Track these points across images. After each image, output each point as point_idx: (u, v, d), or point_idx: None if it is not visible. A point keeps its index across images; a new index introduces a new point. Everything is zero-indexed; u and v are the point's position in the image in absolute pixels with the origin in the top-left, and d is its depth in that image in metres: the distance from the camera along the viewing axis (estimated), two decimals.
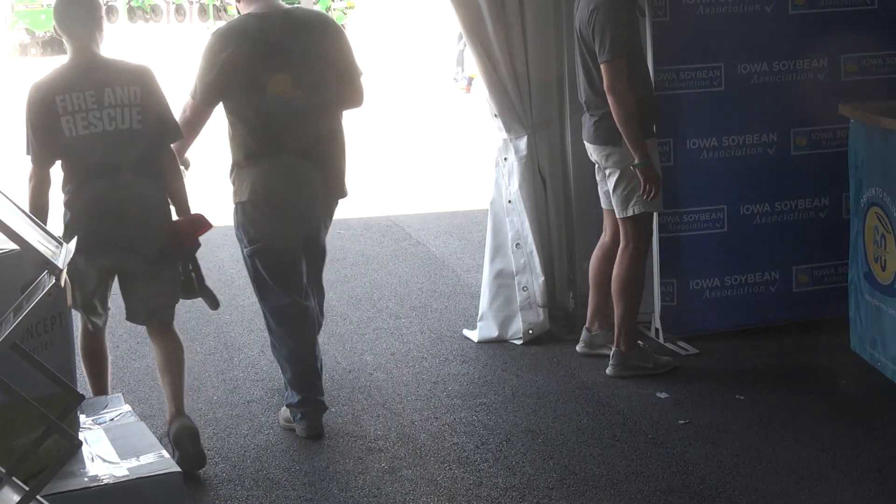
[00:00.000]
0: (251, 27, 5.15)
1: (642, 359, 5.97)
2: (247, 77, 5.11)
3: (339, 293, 7.69)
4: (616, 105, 5.60)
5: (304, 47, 5.16)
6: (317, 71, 5.18)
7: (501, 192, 6.52)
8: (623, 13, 5.68)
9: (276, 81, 5.10)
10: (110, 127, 4.88)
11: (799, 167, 6.34)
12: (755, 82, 6.23)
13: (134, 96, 4.91)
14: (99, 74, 4.93)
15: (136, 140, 4.93)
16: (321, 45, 5.21)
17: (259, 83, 5.10)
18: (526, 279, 6.50)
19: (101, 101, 4.87)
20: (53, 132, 4.88)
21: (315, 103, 5.18)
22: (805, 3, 6.22)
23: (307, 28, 5.23)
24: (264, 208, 5.22)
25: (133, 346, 6.81)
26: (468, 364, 6.30)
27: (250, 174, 5.19)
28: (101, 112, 4.87)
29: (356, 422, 5.57)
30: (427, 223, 9.62)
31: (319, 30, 5.27)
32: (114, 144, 4.89)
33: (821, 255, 6.42)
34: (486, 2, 6.22)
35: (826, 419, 5.36)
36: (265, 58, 5.11)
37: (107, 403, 3.84)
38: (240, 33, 5.15)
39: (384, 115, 16.51)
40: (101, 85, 4.89)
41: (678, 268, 6.31)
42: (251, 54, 5.10)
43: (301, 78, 5.14)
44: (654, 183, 5.68)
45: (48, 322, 3.30)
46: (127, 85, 4.92)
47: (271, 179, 5.19)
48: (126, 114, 4.90)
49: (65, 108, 4.86)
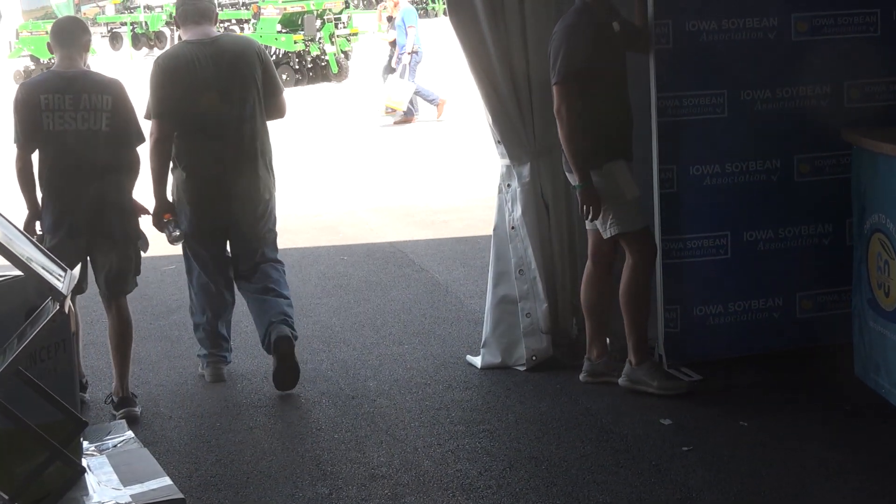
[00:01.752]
0: (185, 53, 6.19)
1: (649, 375, 5.99)
2: (181, 94, 6.11)
3: (343, 319, 7.68)
4: (560, 127, 5.82)
5: (229, 68, 6.16)
6: (240, 88, 6.18)
7: (505, 218, 6.53)
8: (581, 36, 5.77)
9: (206, 97, 6.12)
10: (83, 126, 5.84)
11: (802, 193, 6.33)
12: (758, 109, 6.23)
13: (105, 103, 5.87)
14: (78, 83, 5.89)
15: (103, 140, 5.88)
16: (244, 66, 6.20)
17: (192, 99, 6.11)
18: (529, 305, 6.49)
19: (77, 105, 5.83)
20: (35, 124, 5.86)
21: (239, 115, 6.18)
22: (808, 30, 6.23)
23: (232, 52, 6.22)
24: (186, 208, 6.25)
25: (135, 371, 6.80)
26: (471, 390, 6.29)
27: (178, 177, 6.24)
28: (76, 113, 5.83)
29: (359, 448, 5.56)
30: (430, 249, 9.62)
31: (242, 54, 6.26)
32: (84, 141, 5.85)
33: (824, 282, 6.41)
34: (488, 27, 6.24)
35: (830, 446, 5.34)
36: (196, 78, 6.11)
37: (110, 430, 3.84)
38: (176, 58, 6.22)
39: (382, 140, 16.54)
40: (79, 91, 5.85)
41: (682, 294, 6.30)
42: (185, 75, 6.11)
43: (227, 94, 6.15)
44: (592, 205, 5.83)
45: (52, 348, 3.31)
46: (100, 93, 5.88)
47: (193, 183, 6.21)
48: (97, 117, 5.86)
49: (46, 106, 5.83)
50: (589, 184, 5.83)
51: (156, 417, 6.09)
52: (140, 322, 7.83)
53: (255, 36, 24.98)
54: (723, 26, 6.14)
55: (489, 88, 6.36)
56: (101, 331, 6.72)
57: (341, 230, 10.57)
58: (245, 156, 6.24)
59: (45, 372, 3.25)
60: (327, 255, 9.60)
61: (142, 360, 7.03)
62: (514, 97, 6.37)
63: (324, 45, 24.47)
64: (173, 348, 7.27)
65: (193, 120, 6.15)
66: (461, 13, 6.28)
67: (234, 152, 6.21)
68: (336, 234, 10.44)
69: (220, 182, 6.22)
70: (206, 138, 6.18)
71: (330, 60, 24.42)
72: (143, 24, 31.28)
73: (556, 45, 5.81)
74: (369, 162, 14.81)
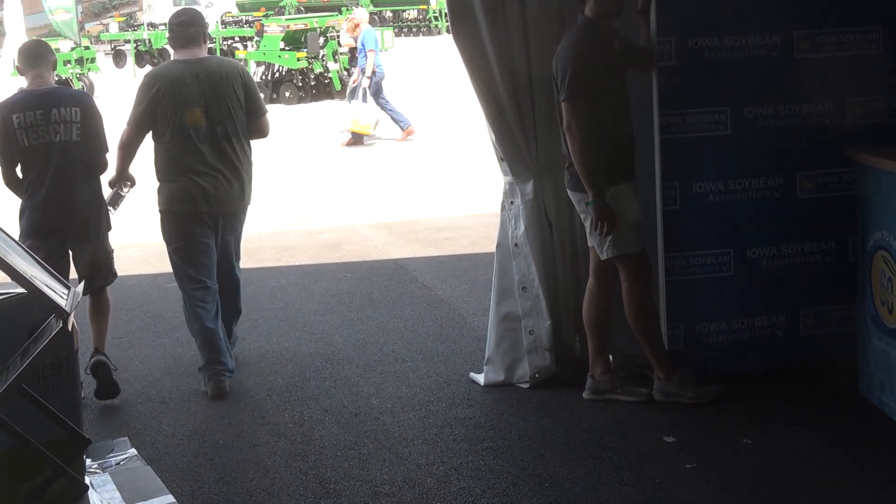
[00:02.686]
0: (173, 70, 6.65)
1: (681, 387, 6.02)
2: (167, 109, 6.51)
3: (345, 336, 7.68)
4: (571, 143, 5.82)
5: (213, 87, 6.57)
6: (223, 106, 6.58)
7: (508, 235, 6.53)
8: (588, 54, 5.78)
9: (190, 114, 6.53)
10: (55, 138, 6.38)
11: (805, 210, 6.34)
12: (761, 126, 6.24)
13: (75, 115, 6.39)
14: (47, 98, 6.41)
15: (76, 149, 6.42)
16: (227, 86, 6.62)
17: (176, 114, 6.51)
18: (532, 323, 6.49)
19: (48, 119, 6.36)
20: (11, 142, 6.41)
21: (220, 132, 6.59)
22: (810, 47, 6.24)
23: (217, 73, 6.63)
24: (174, 216, 6.64)
25: (139, 388, 6.81)
26: (475, 408, 6.29)
27: (166, 188, 6.64)
28: (48, 127, 6.37)
29: (362, 466, 5.56)
30: (433, 266, 9.62)
31: (226, 75, 6.66)
32: (58, 152, 6.40)
33: (828, 299, 6.41)
34: (490, 43, 6.25)
35: (834, 463, 5.33)
36: (182, 94, 6.52)
37: (113, 447, 3.84)
38: (164, 75, 6.64)
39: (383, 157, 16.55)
40: (49, 106, 6.37)
41: (685, 311, 6.30)
42: (171, 91, 6.52)
43: (210, 111, 6.55)
44: (608, 221, 5.83)
45: (55, 366, 3.31)
46: (69, 106, 6.40)
47: (180, 192, 6.59)
48: (69, 129, 6.39)
49: (20, 124, 6.36)
50: (603, 199, 5.84)
51: (159, 435, 6.08)
52: (143, 339, 7.85)
53: (259, 53, 25.08)
54: (725, 44, 6.16)
55: (492, 105, 6.37)
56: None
57: (344, 247, 10.57)
58: (225, 168, 6.63)
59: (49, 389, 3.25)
60: (330, 273, 9.59)
61: (145, 377, 7.03)
62: (517, 114, 6.38)
63: (327, 62, 24.50)
64: (176, 365, 7.27)
65: (178, 132, 6.54)
66: (464, 29, 6.30)
67: (215, 164, 6.60)
68: (339, 251, 10.44)
69: (202, 191, 6.58)
70: (189, 150, 6.57)
71: (333, 78, 24.44)
72: (147, 41, 31.36)
73: (564, 62, 5.83)
74: (371, 179, 14.82)
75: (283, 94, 23.92)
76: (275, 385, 6.77)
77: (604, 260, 6.03)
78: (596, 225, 5.89)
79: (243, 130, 6.69)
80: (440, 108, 21.74)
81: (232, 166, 6.64)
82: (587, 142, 5.78)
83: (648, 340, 6.07)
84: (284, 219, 12.33)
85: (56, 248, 6.46)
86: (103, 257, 6.67)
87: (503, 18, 6.26)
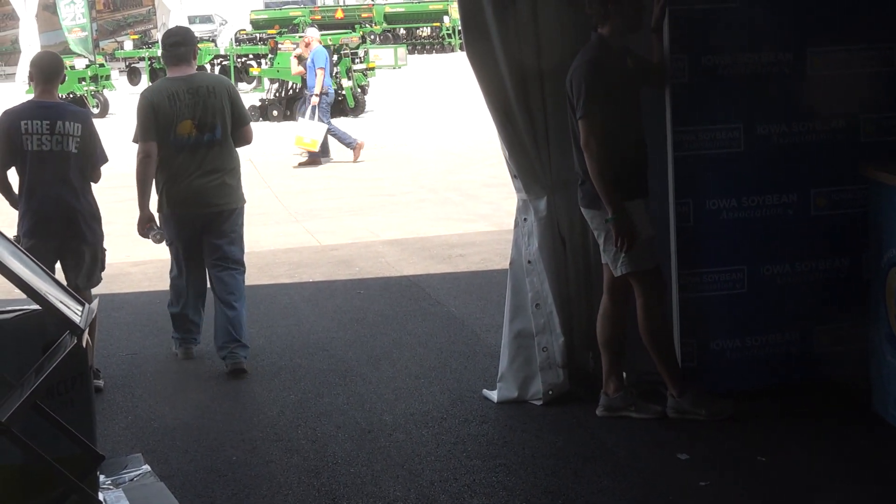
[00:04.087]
0: (167, 87, 7.42)
1: (694, 405, 6.01)
2: (162, 121, 7.27)
3: (359, 353, 7.68)
4: (589, 160, 5.82)
5: (203, 101, 7.32)
6: (212, 117, 7.33)
7: (521, 252, 6.53)
8: (603, 72, 5.80)
9: (182, 125, 7.29)
10: (57, 148, 6.99)
11: (819, 227, 6.33)
12: (774, 143, 6.24)
13: (76, 130, 7.02)
14: (54, 111, 7.05)
15: (73, 160, 7.03)
16: (215, 99, 7.36)
17: (171, 125, 7.27)
18: (546, 339, 6.48)
19: (53, 130, 6.98)
20: (16, 145, 7.00)
21: (210, 140, 7.34)
22: (823, 65, 6.24)
23: (206, 88, 7.40)
24: (171, 216, 7.42)
25: (152, 405, 6.82)
26: (488, 424, 6.28)
27: (164, 191, 7.39)
28: (51, 137, 6.99)
29: (375, 482, 5.55)
30: (446, 283, 9.62)
31: (214, 89, 7.42)
32: (57, 160, 7.00)
33: (842, 316, 6.38)
34: (504, 60, 6.26)
35: (848, 480, 5.31)
36: (175, 108, 7.29)
37: (126, 464, 3.85)
38: (159, 92, 7.42)
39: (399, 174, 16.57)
40: (55, 118, 6.99)
41: (699, 328, 6.29)
42: (164, 104, 7.29)
43: (201, 122, 7.31)
44: (627, 237, 5.82)
45: (69, 382, 3.31)
46: (72, 121, 7.02)
47: (176, 195, 7.36)
48: (68, 141, 7.00)
49: (26, 130, 6.98)
50: (623, 215, 5.84)
51: (172, 451, 6.08)
52: (156, 355, 7.87)
53: (272, 71, 25.14)
54: (738, 60, 6.16)
55: (505, 122, 6.37)
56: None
57: (357, 264, 10.58)
58: (215, 171, 7.39)
59: (63, 405, 3.26)
60: (343, 289, 9.60)
61: (157, 393, 7.04)
62: (530, 131, 6.39)
63: (341, 79, 24.56)
64: (189, 382, 7.28)
65: (173, 141, 7.31)
66: (477, 45, 6.30)
67: (206, 168, 7.36)
68: (352, 268, 10.44)
69: (196, 192, 7.35)
70: (183, 156, 7.32)
71: (347, 95, 24.50)
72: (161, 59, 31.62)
73: (578, 80, 5.84)
74: (382, 195, 14.84)
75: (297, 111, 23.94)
76: (288, 401, 6.78)
77: (617, 277, 6.03)
78: (616, 241, 5.88)
79: (229, 138, 7.45)
80: (448, 123, 21.78)
81: (220, 170, 7.40)
82: (605, 159, 5.79)
83: (661, 357, 6.06)
84: (297, 235, 12.35)
85: (54, 249, 7.05)
86: (94, 261, 7.21)
87: (516, 34, 6.27)
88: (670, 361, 6.09)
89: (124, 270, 10.36)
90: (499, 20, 6.23)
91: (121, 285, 9.95)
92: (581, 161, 5.95)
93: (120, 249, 10.72)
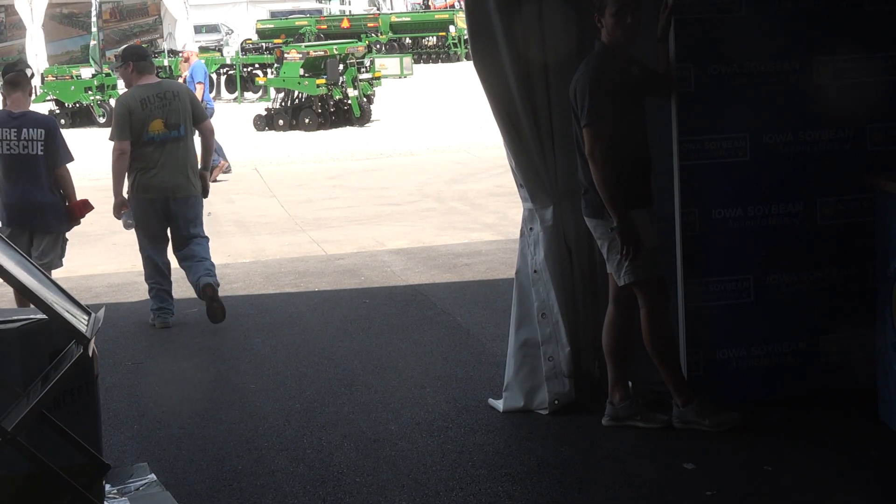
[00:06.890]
0: (138, 93, 8.86)
1: (698, 415, 5.99)
2: (136, 121, 8.71)
3: (364, 362, 7.68)
4: (594, 169, 5.81)
5: (168, 103, 8.81)
6: (176, 117, 8.80)
7: (527, 261, 6.52)
8: (607, 81, 5.80)
9: (153, 123, 8.74)
10: (23, 151, 8.32)
11: (825, 237, 6.32)
12: (781, 152, 6.23)
13: (40, 135, 8.35)
14: (21, 119, 8.36)
15: (39, 162, 8.35)
16: (178, 102, 8.86)
17: (143, 124, 8.72)
18: (552, 349, 6.47)
19: (20, 136, 8.31)
20: None
21: (176, 136, 8.80)
22: (830, 74, 6.24)
23: (171, 92, 8.92)
24: (137, 200, 8.82)
25: (158, 415, 6.81)
26: (493, 434, 6.27)
27: (133, 179, 8.78)
28: (18, 142, 8.32)
29: (381, 492, 5.54)
30: (452, 292, 9.62)
31: (178, 94, 8.94)
32: (26, 162, 8.34)
33: (848, 325, 6.37)
34: (510, 69, 6.26)
35: (854, 490, 5.30)
36: (146, 110, 8.74)
37: (132, 473, 3.84)
38: (132, 97, 8.86)
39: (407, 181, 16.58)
40: (21, 126, 8.33)
41: (704, 338, 6.28)
42: (138, 108, 8.75)
43: (168, 121, 8.77)
44: (632, 246, 5.81)
45: (75, 391, 3.31)
46: (36, 127, 8.37)
47: (143, 183, 8.75)
48: (35, 145, 8.33)
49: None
50: (628, 224, 5.84)
51: (178, 460, 6.08)
52: (162, 364, 7.87)
53: (279, 80, 25.16)
54: (745, 69, 6.16)
55: (511, 131, 6.37)
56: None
57: (362, 273, 10.58)
58: (180, 163, 8.81)
59: (69, 415, 3.25)
60: (349, 299, 9.60)
61: (163, 402, 7.04)
62: (536, 140, 6.39)
63: (346, 89, 24.57)
64: (195, 391, 7.28)
65: (146, 138, 8.70)
66: (484, 54, 6.31)
67: (172, 161, 8.76)
68: (357, 277, 10.45)
69: (162, 182, 8.75)
70: (152, 151, 8.71)
71: (352, 104, 24.50)
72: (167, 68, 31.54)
73: (581, 88, 5.84)
74: (388, 204, 14.85)
75: (303, 120, 23.98)
76: (293, 410, 6.77)
77: (622, 286, 6.02)
78: (622, 249, 5.87)
79: (191, 135, 8.95)
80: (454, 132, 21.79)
81: (184, 163, 8.82)
82: (610, 167, 5.79)
83: (666, 367, 6.05)
84: (303, 245, 12.35)
85: (28, 236, 8.42)
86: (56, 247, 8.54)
87: (522, 42, 6.27)
88: (675, 371, 6.08)
89: (130, 280, 10.38)
90: (506, 28, 6.24)
91: (126, 294, 9.98)
92: (585, 170, 5.95)
93: (126, 259, 10.76)
